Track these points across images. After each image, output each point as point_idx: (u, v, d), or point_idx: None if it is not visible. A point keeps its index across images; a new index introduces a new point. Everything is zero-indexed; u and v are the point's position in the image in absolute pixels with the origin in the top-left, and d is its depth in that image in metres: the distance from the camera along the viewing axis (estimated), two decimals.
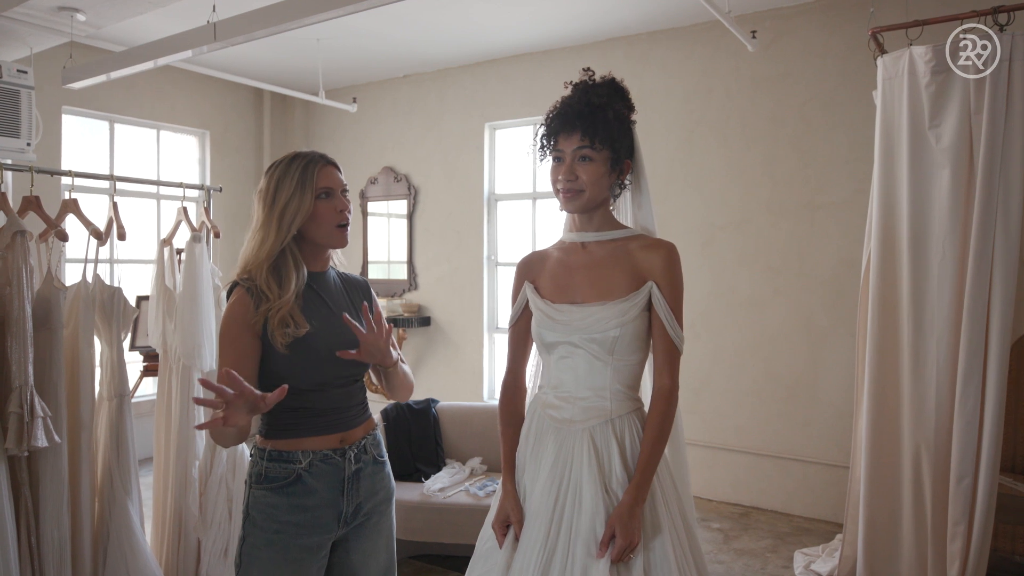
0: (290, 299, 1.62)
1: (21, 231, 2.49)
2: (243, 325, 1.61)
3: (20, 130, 3.57)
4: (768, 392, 4.43)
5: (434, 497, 3.44)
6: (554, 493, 1.62)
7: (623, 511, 1.55)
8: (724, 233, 4.58)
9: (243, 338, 1.61)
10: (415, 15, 4.50)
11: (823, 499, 4.22)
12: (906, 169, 2.94)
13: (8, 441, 2.38)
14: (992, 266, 2.71)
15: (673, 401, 1.66)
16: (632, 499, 1.56)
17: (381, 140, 6.10)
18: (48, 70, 4.44)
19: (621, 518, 1.54)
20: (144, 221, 5.61)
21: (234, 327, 1.62)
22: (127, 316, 2.94)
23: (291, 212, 1.64)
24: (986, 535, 2.72)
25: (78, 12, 3.73)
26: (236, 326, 1.62)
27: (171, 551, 3.10)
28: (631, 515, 1.54)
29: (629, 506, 1.55)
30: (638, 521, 1.55)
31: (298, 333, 1.61)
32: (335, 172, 1.72)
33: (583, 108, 1.63)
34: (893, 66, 2.99)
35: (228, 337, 1.62)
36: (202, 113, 5.94)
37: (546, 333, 1.70)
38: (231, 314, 1.63)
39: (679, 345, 1.66)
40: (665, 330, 1.64)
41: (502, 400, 1.84)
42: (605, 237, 1.71)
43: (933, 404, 2.85)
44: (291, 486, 1.64)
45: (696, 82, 4.65)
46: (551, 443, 1.67)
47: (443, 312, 5.78)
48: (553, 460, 1.65)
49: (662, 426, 1.64)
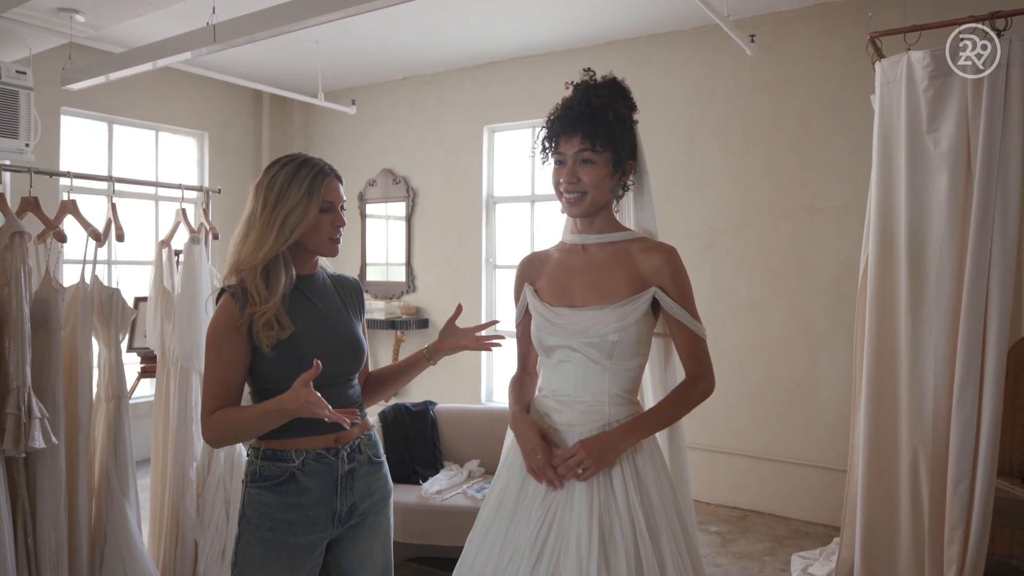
0: (276, 303, 1.63)
1: (19, 232, 2.49)
2: (230, 330, 1.62)
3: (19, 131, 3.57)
4: (767, 395, 4.43)
5: (432, 499, 3.44)
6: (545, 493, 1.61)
7: (604, 434, 1.58)
8: (724, 236, 4.58)
9: (232, 343, 1.62)
10: (415, 17, 4.51)
11: (821, 502, 4.22)
12: (904, 173, 2.94)
13: (5, 442, 2.37)
14: (989, 270, 2.71)
15: (699, 388, 1.66)
16: (623, 431, 1.58)
17: (380, 142, 6.10)
18: (47, 71, 4.44)
19: (599, 438, 1.57)
20: (142, 222, 5.61)
21: (221, 333, 1.63)
22: (125, 317, 2.93)
23: (294, 220, 1.65)
24: (983, 539, 2.72)
25: (77, 13, 3.73)
26: (223, 332, 1.63)
27: (168, 552, 3.10)
28: (617, 439, 1.57)
29: (613, 434, 1.58)
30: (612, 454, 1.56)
31: (282, 335, 1.62)
32: (339, 187, 1.74)
33: (584, 110, 1.62)
34: (891, 70, 3.00)
35: (216, 343, 1.63)
36: (201, 115, 5.94)
37: (545, 336, 1.70)
38: (217, 321, 1.64)
39: (699, 332, 1.67)
40: (681, 324, 1.65)
41: (512, 382, 1.86)
42: (606, 239, 1.71)
43: (931, 407, 2.85)
44: (284, 484, 1.65)
45: (697, 85, 4.66)
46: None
47: (442, 314, 5.78)
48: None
49: (678, 403, 1.65)
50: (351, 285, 1.87)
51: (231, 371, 1.63)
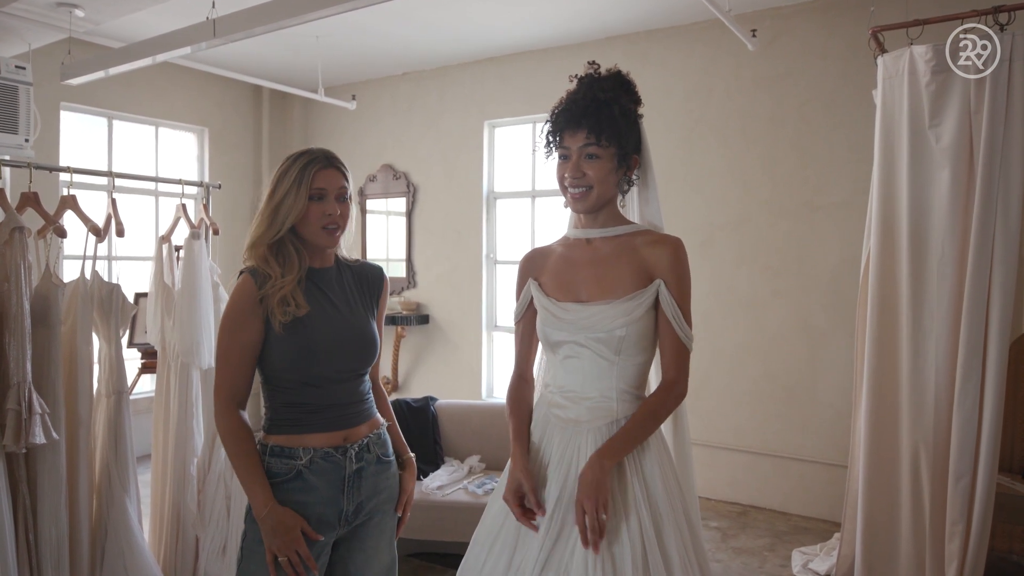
0: (293, 279, 1.64)
1: (19, 227, 2.48)
2: (248, 307, 1.63)
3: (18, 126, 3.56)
4: (767, 391, 4.43)
5: (433, 495, 3.44)
6: (556, 492, 1.60)
7: (585, 468, 1.52)
8: (723, 233, 4.57)
9: (250, 322, 1.63)
10: (415, 12, 4.49)
11: (821, 498, 4.23)
12: (906, 169, 2.94)
13: (6, 438, 2.37)
14: (991, 266, 2.71)
15: (674, 392, 1.63)
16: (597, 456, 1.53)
17: (380, 138, 6.09)
18: (46, 66, 4.43)
19: (583, 476, 1.51)
20: (143, 218, 5.60)
21: (239, 311, 1.64)
22: (125, 313, 2.93)
23: (285, 209, 1.65)
24: (984, 534, 2.72)
25: (76, 8, 3.72)
26: (240, 310, 1.64)
27: (169, 548, 3.10)
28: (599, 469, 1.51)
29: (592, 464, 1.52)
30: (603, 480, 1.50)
31: (298, 312, 1.62)
32: (334, 174, 1.70)
33: (588, 104, 1.61)
34: (893, 65, 2.99)
35: (233, 323, 1.64)
36: (201, 110, 5.93)
37: (551, 332, 1.68)
38: (235, 300, 1.65)
39: (687, 343, 1.63)
40: (671, 327, 1.61)
41: (509, 391, 1.80)
42: (610, 233, 1.69)
43: (932, 403, 2.85)
44: (291, 482, 1.64)
45: (696, 81, 4.64)
46: (556, 441, 1.65)
47: (442, 310, 5.78)
48: (558, 459, 1.63)
49: (655, 409, 1.61)
50: (373, 274, 1.84)
51: (246, 354, 1.64)
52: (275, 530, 1.59)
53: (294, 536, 1.59)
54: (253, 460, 1.64)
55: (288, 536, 1.59)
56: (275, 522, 1.59)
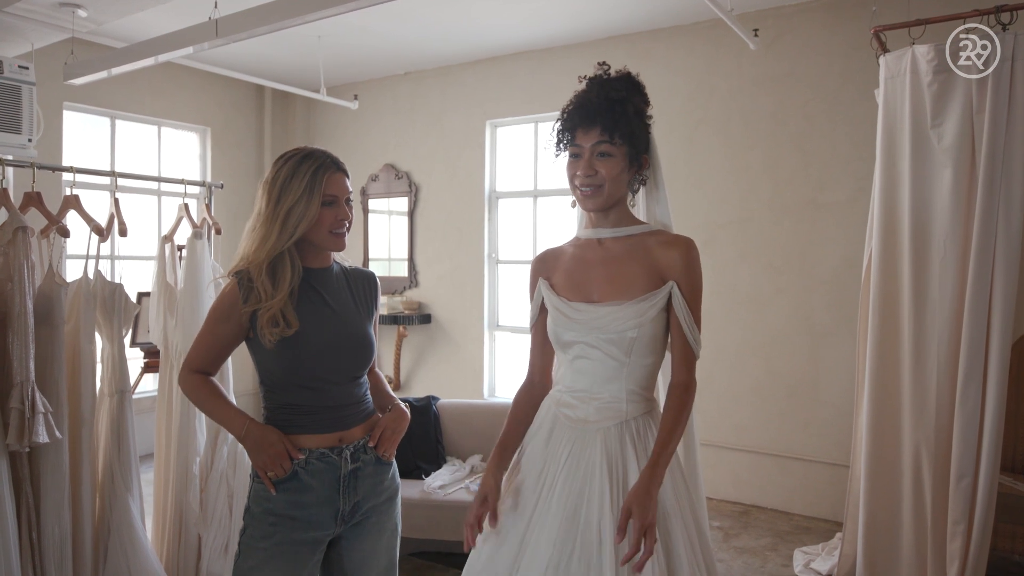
0: (282, 299, 1.63)
1: (22, 227, 2.49)
2: (228, 315, 1.67)
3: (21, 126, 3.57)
4: (769, 391, 4.43)
5: (434, 494, 3.44)
6: (566, 492, 1.58)
7: (639, 490, 1.48)
8: (726, 231, 4.57)
9: (226, 327, 1.68)
10: (416, 12, 4.50)
11: (823, 498, 4.22)
12: (908, 168, 2.93)
13: (9, 437, 2.38)
14: (993, 265, 2.70)
15: (690, 394, 1.63)
16: (648, 479, 1.49)
17: (382, 137, 6.10)
18: (49, 66, 4.44)
19: (638, 497, 1.46)
20: (145, 217, 5.61)
21: (219, 314, 1.68)
22: (128, 312, 2.94)
23: (296, 216, 1.64)
24: (986, 534, 2.72)
25: (79, 8, 3.73)
26: (221, 313, 1.68)
27: (172, 547, 3.10)
28: (647, 495, 1.47)
29: (645, 486, 1.48)
30: (655, 502, 1.48)
31: (287, 332, 1.63)
32: (343, 179, 1.72)
33: (602, 103, 1.60)
34: (895, 65, 2.98)
35: (214, 319, 1.70)
36: (203, 109, 5.94)
37: (562, 332, 1.67)
38: (219, 302, 1.69)
39: (695, 349, 1.62)
40: (682, 331, 1.61)
41: (517, 396, 1.79)
42: (622, 233, 1.68)
43: (934, 403, 2.85)
44: (288, 482, 1.65)
45: (699, 80, 4.64)
46: (565, 441, 1.64)
47: (444, 309, 5.78)
48: (566, 458, 1.62)
49: (678, 416, 1.59)
50: (366, 279, 1.84)
51: (218, 346, 1.70)
52: (259, 444, 1.63)
53: (279, 450, 1.63)
54: (218, 395, 1.71)
55: (273, 450, 1.62)
56: (257, 437, 1.63)
